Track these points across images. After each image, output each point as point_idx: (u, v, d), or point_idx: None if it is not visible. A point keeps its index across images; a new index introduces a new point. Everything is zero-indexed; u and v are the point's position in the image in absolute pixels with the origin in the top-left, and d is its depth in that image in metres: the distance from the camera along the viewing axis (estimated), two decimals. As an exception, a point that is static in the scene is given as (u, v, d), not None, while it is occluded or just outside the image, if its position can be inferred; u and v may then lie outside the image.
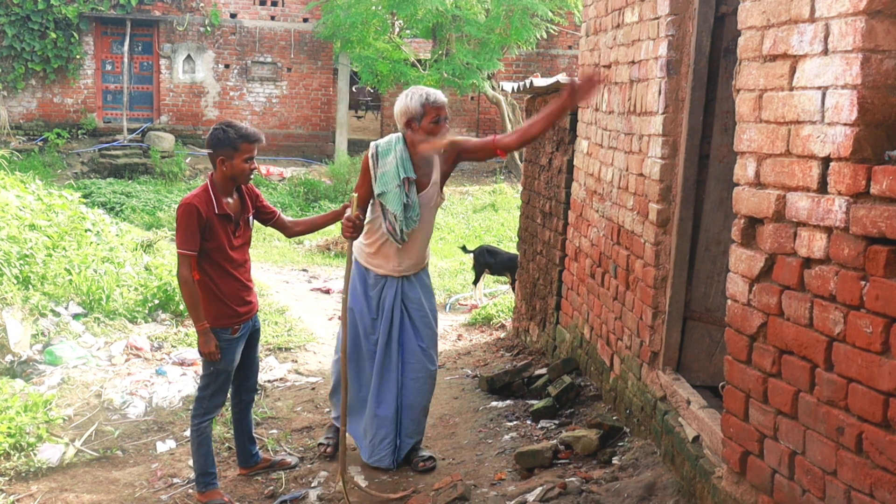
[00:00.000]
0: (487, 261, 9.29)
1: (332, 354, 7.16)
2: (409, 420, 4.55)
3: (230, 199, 4.12)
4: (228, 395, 4.43)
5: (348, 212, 4.28)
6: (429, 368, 4.55)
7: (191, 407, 4.51)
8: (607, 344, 4.82)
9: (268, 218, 4.39)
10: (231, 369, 4.22)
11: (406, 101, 4.30)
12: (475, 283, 9.53)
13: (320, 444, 4.72)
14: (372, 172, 4.33)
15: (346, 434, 4.49)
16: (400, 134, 4.39)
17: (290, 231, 4.53)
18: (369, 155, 4.37)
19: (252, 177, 4.14)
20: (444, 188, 4.61)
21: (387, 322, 4.48)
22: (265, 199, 4.41)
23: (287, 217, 4.57)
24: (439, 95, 4.32)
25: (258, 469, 4.62)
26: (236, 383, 4.47)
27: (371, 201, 4.43)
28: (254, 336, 4.40)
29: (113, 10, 18.77)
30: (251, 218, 4.28)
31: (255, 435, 5.26)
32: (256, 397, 5.82)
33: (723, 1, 3.84)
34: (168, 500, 4.40)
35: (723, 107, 3.85)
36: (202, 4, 19.36)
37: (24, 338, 6.30)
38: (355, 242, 4.50)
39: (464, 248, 10.25)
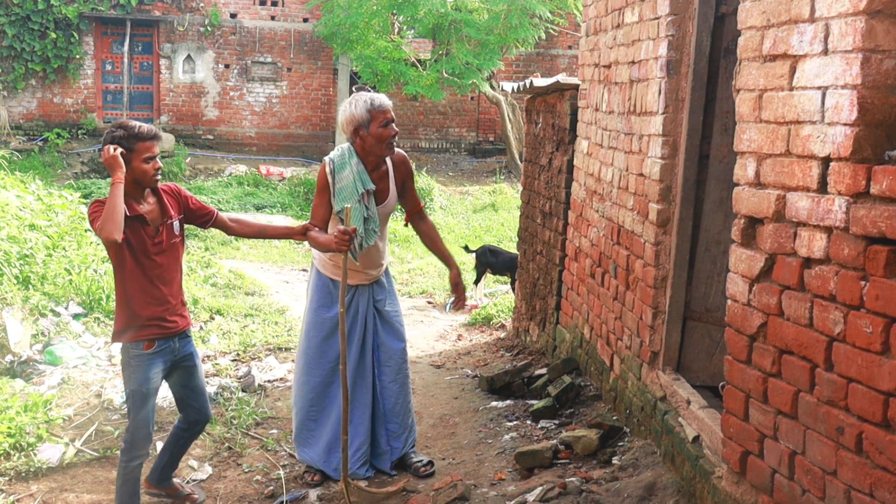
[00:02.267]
0: (489, 260, 9.31)
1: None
2: (394, 424, 4.51)
3: (145, 204, 3.81)
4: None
5: (338, 226, 4.10)
6: (405, 368, 4.54)
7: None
8: (607, 344, 4.82)
9: (205, 220, 4.07)
10: (146, 391, 3.81)
11: (351, 108, 4.17)
12: (476, 282, 9.55)
13: (306, 472, 4.51)
14: (330, 189, 4.22)
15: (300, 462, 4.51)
16: (350, 146, 4.27)
17: (232, 231, 4.21)
18: (327, 171, 4.23)
19: (158, 177, 3.82)
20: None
21: (360, 330, 4.41)
22: (198, 201, 4.09)
23: (232, 216, 4.28)
24: (384, 99, 4.19)
25: (161, 490, 4.29)
26: (184, 413, 4.15)
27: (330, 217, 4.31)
28: (187, 362, 4.01)
29: (113, 10, 18.77)
30: (177, 224, 3.93)
31: (254, 435, 5.26)
32: (256, 398, 5.82)
33: (723, 1, 3.84)
34: (168, 500, 4.40)
35: (723, 107, 3.85)
36: (202, 4, 19.36)
37: (24, 338, 6.30)
38: (316, 255, 4.43)
39: (466, 248, 10.27)
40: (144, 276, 3.80)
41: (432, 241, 4.62)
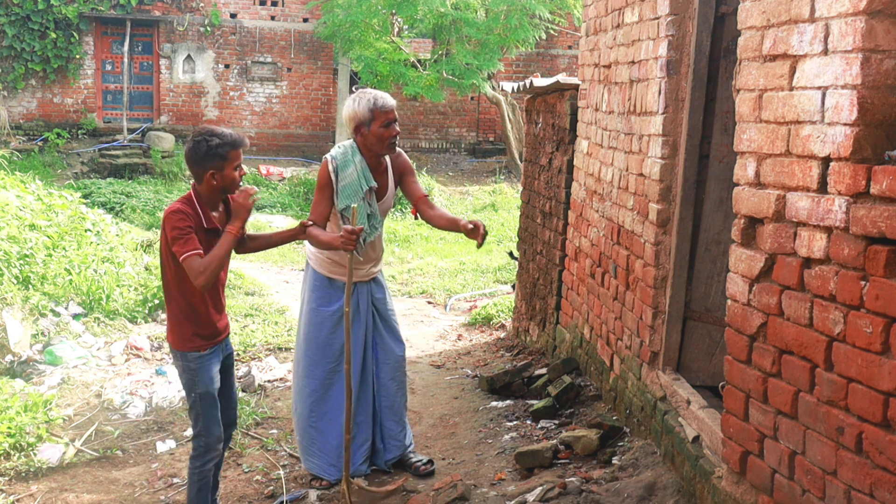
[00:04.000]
0: None
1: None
2: (390, 422, 4.51)
3: (216, 213, 3.74)
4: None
5: (342, 224, 4.07)
6: (403, 366, 4.58)
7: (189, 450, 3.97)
8: (607, 344, 4.82)
9: None
10: (213, 390, 3.76)
11: (354, 105, 4.17)
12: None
13: (313, 479, 4.46)
14: (334, 186, 4.21)
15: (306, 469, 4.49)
16: (353, 143, 4.27)
17: (246, 248, 4.02)
18: (329, 169, 4.19)
19: (241, 184, 3.75)
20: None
21: (363, 328, 4.41)
22: None
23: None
24: (387, 99, 4.18)
25: None
26: None
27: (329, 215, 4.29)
28: (227, 362, 3.96)
29: (113, 10, 18.77)
30: None
31: (254, 435, 5.25)
32: (256, 398, 5.82)
33: (723, 1, 3.84)
34: (168, 500, 4.40)
35: (723, 107, 3.85)
36: (202, 4, 19.36)
37: (24, 338, 6.30)
38: (311, 254, 4.40)
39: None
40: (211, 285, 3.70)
41: (443, 218, 4.35)
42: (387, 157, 4.37)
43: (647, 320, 4.15)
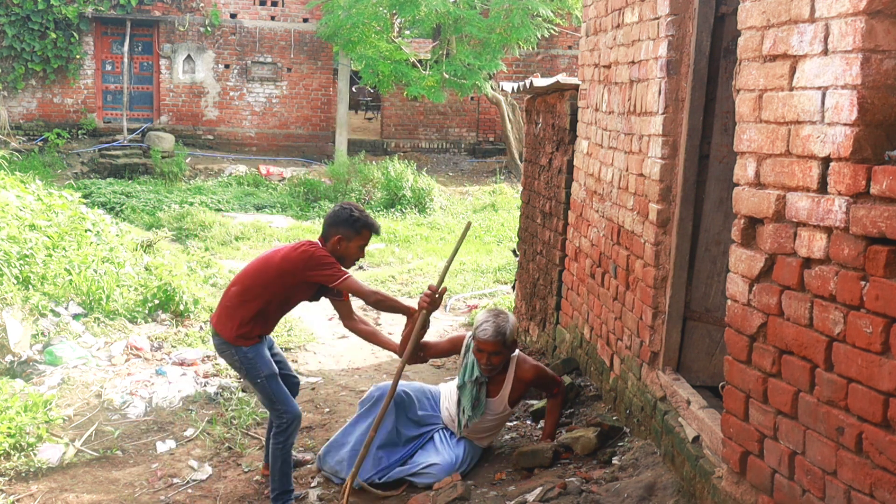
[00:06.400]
0: None
1: (332, 356, 7.16)
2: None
3: None
4: None
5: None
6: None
7: (271, 430, 4.36)
8: (607, 344, 4.82)
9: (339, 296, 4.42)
10: (274, 370, 4.23)
11: (477, 320, 4.51)
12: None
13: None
14: (461, 357, 4.61)
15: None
16: None
17: (355, 326, 4.53)
18: (465, 341, 4.64)
19: (354, 265, 4.29)
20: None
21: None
22: None
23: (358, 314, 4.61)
24: (487, 332, 4.38)
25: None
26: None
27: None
28: (270, 346, 4.51)
29: (113, 10, 18.77)
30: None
31: (254, 435, 5.26)
32: (257, 398, 5.83)
33: (723, 1, 3.84)
34: (168, 499, 4.40)
35: (723, 107, 3.85)
36: (202, 4, 19.36)
37: (24, 338, 6.29)
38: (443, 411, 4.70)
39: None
40: (281, 314, 4.42)
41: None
42: (512, 370, 4.56)
43: (647, 320, 4.15)
